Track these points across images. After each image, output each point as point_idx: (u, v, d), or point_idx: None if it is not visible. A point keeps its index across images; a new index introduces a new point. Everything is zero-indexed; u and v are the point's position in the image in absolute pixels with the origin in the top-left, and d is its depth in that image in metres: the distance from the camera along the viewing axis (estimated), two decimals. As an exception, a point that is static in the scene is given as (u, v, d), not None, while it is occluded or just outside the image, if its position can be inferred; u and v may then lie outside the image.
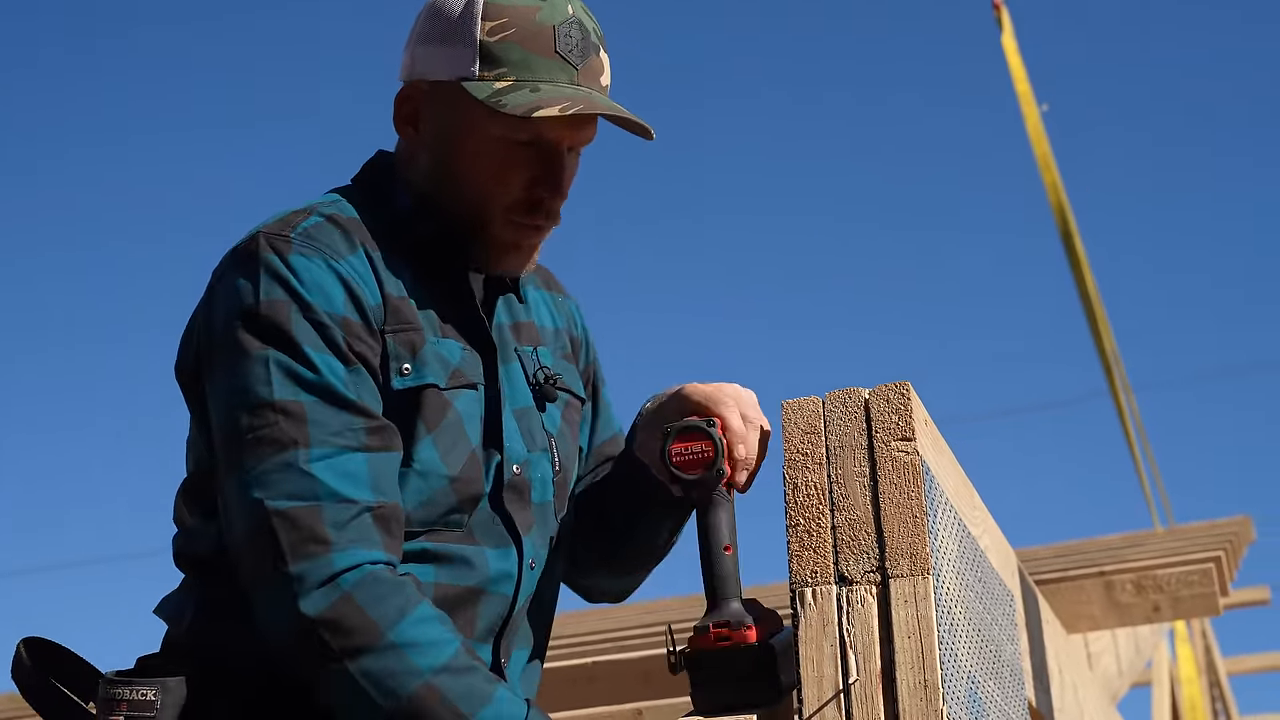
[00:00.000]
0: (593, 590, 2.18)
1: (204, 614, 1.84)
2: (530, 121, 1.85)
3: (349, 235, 1.84)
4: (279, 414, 1.73)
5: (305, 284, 1.77)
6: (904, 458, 1.77)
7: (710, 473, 1.85)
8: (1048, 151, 8.28)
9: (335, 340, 1.77)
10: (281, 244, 1.79)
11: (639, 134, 1.94)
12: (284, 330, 1.75)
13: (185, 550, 1.89)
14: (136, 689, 1.71)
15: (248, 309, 1.77)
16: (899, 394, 1.80)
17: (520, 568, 1.90)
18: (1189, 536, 5.59)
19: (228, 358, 1.77)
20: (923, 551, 1.73)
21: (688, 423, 1.87)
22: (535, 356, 2.00)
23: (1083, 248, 8.48)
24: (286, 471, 1.71)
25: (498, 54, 1.86)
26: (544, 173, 1.89)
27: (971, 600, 1.93)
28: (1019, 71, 8.60)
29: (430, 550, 1.82)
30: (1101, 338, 8.68)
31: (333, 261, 1.79)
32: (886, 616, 1.73)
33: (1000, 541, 2.28)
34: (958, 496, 1.97)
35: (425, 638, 1.69)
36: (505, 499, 1.89)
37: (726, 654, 1.79)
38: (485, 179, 1.88)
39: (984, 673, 1.93)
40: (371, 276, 1.82)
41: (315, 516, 1.70)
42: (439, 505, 1.83)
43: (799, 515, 1.78)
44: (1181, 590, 3.81)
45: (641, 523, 2.06)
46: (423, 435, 1.82)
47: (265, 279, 1.77)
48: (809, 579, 1.76)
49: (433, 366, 1.84)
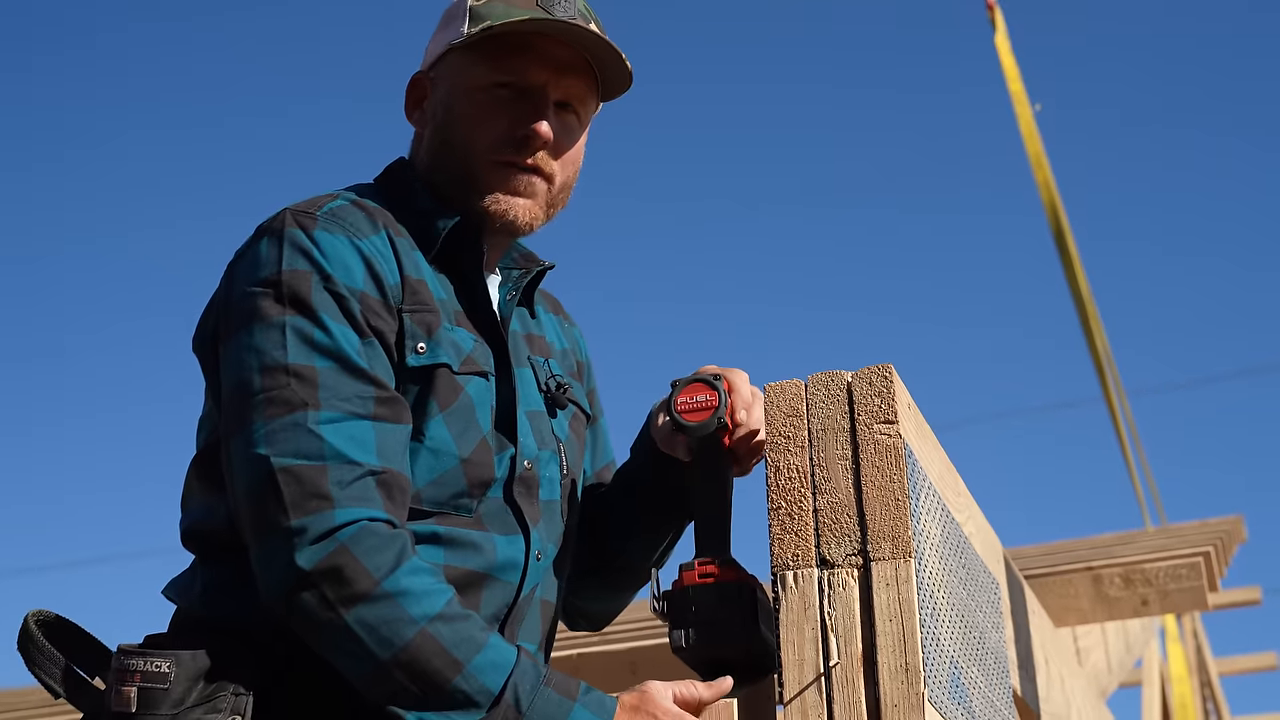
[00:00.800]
0: (575, 611, 2.22)
1: (214, 589, 1.84)
2: (509, 60, 1.95)
3: (372, 218, 1.90)
4: (291, 376, 1.76)
5: (328, 257, 1.82)
6: (886, 440, 1.76)
7: (712, 420, 1.90)
8: (1040, 150, 8.28)
9: (352, 312, 1.81)
10: (307, 220, 1.85)
11: (617, 80, 2.03)
12: (303, 299, 1.79)
13: (196, 526, 1.89)
14: (150, 660, 1.70)
15: (269, 277, 1.81)
16: (882, 377, 1.79)
17: (527, 557, 1.93)
18: (1179, 534, 5.58)
19: (246, 322, 1.81)
20: (905, 535, 1.72)
21: (696, 374, 1.94)
22: (547, 366, 2.07)
23: (1075, 247, 8.48)
24: (294, 431, 1.74)
25: (483, 12, 1.96)
26: (528, 111, 1.96)
27: (955, 585, 1.92)
28: (1012, 71, 8.60)
29: (440, 534, 1.85)
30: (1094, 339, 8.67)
31: (356, 239, 1.85)
32: (868, 600, 1.72)
33: (985, 529, 2.27)
34: (941, 482, 1.96)
35: (419, 587, 1.70)
36: (515, 491, 1.92)
37: (708, 589, 1.82)
38: (473, 126, 1.96)
39: (967, 658, 1.92)
40: (392, 257, 1.88)
41: (320, 475, 1.72)
42: (449, 486, 1.86)
43: (780, 498, 1.78)
44: (1170, 584, 3.79)
45: (635, 536, 2.12)
46: (435, 413, 1.85)
47: (289, 250, 1.82)
48: (790, 562, 1.75)
49: (446, 349, 1.88)
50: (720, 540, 1.89)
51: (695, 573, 1.83)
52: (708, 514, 1.92)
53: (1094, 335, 8.64)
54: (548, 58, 1.97)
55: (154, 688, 1.69)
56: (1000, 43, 8.64)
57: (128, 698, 1.69)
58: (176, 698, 1.69)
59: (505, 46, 1.96)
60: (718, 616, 1.81)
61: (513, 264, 2.09)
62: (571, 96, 2.00)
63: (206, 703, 1.70)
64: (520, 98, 1.97)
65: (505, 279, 2.06)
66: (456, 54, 1.99)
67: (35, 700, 5.35)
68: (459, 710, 1.67)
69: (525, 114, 1.96)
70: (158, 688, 1.69)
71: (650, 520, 2.12)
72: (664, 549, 2.15)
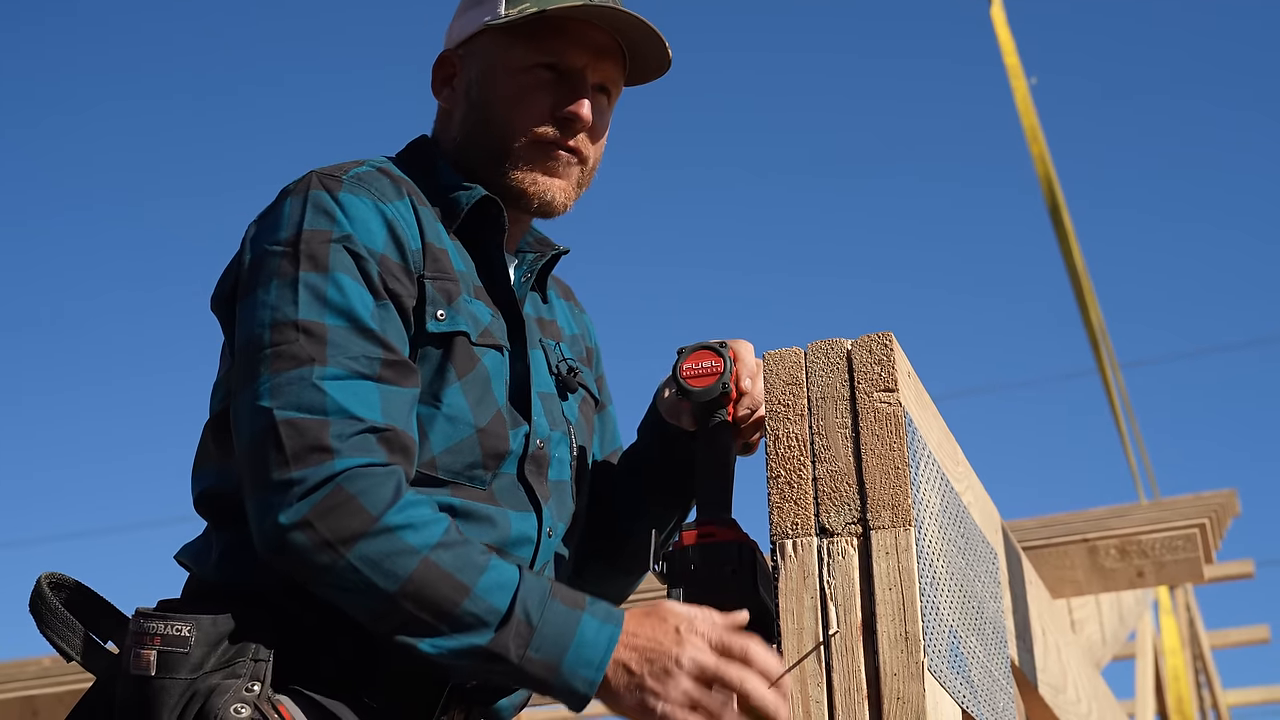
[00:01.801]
0: None
1: (231, 554, 1.83)
2: (553, 42, 1.97)
3: (397, 184, 1.91)
4: (300, 332, 1.76)
5: (350, 217, 1.83)
6: (886, 409, 1.76)
7: (716, 385, 1.91)
8: (1035, 124, 8.25)
9: (369, 273, 1.81)
10: (332, 183, 1.86)
11: (654, 64, 2.06)
12: (320, 257, 1.80)
13: (210, 490, 1.89)
14: (170, 623, 1.70)
15: (289, 236, 1.82)
16: (882, 345, 1.78)
17: (540, 534, 1.94)
18: (1174, 507, 5.58)
19: (264, 278, 1.82)
20: (905, 503, 1.72)
21: (701, 342, 1.95)
22: (559, 349, 2.08)
23: (1070, 221, 8.47)
24: (299, 384, 1.74)
25: None
26: (568, 93, 1.99)
27: (954, 554, 1.92)
28: (1008, 44, 8.57)
29: (456, 506, 1.85)
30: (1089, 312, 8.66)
31: (380, 203, 1.86)
32: (868, 568, 1.72)
33: (983, 498, 2.27)
34: (940, 450, 1.95)
35: (417, 518, 1.71)
36: (526, 469, 1.93)
37: (707, 549, 1.82)
38: (512, 106, 1.98)
39: (966, 627, 1.92)
40: (415, 223, 1.89)
41: (322, 428, 1.72)
42: (464, 454, 1.86)
43: (780, 466, 1.77)
44: (1165, 556, 3.80)
45: (642, 516, 2.12)
46: (452, 380, 1.86)
47: (311, 210, 1.83)
48: (790, 530, 1.75)
49: (465, 319, 1.89)
50: (721, 503, 1.90)
51: (694, 532, 1.84)
52: (709, 477, 1.92)
53: (1089, 309, 8.63)
54: (587, 41, 2.00)
55: (174, 651, 1.69)
56: (996, 14, 8.61)
57: (147, 660, 1.69)
58: (196, 661, 1.69)
59: (544, 28, 1.98)
60: (716, 576, 1.81)
61: (528, 247, 2.10)
62: (607, 80, 2.03)
63: (226, 667, 1.70)
64: (561, 80, 1.99)
65: (520, 262, 2.08)
66: (494, 34, 2.00)
67: (32, 672, 5.35)
68: (471, 632, 1.68)
69: (567, 96, 1.98)
70: (177, 651, 1.69)
71: (657, 498, 2.12)
72: (671, 529, 2.15)
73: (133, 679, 1.69)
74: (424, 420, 1.84)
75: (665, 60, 2.06)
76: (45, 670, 5.29)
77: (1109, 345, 8.93)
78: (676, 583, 1.82)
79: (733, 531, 1.84)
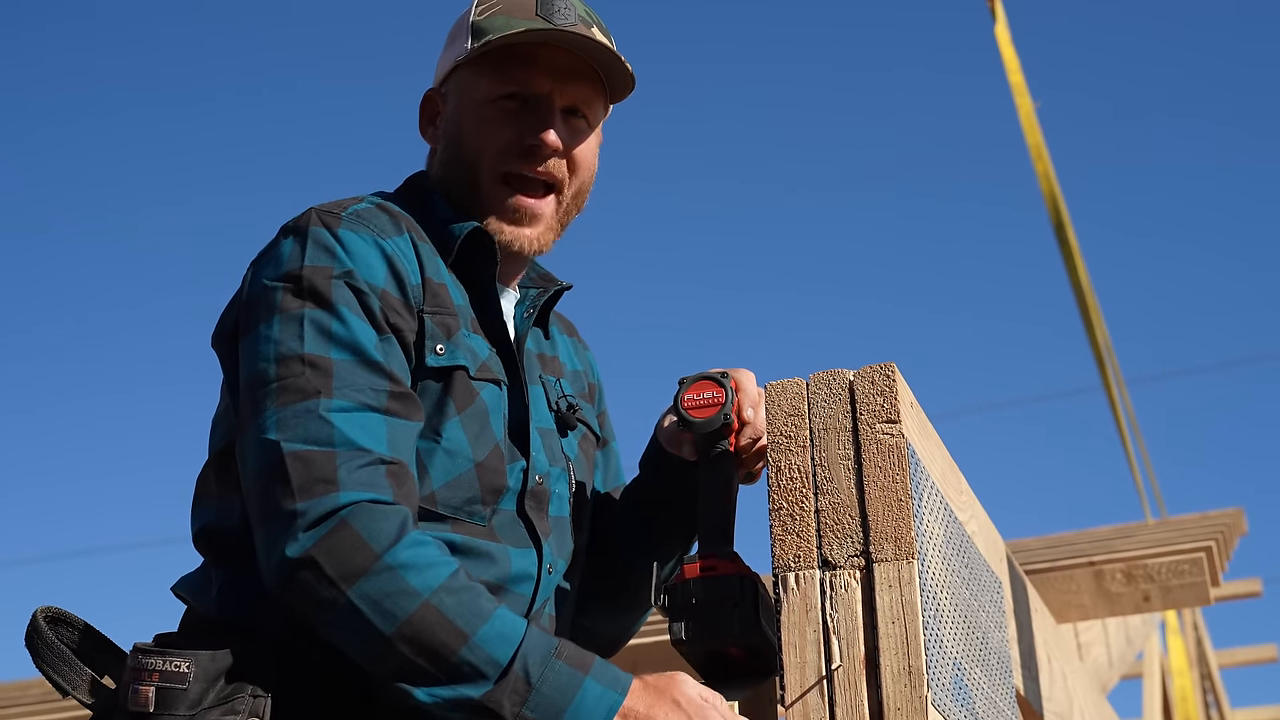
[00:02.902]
0: (587, 635, 2.20)
1: (232, 592, 1.83)
2: (512, 71, 1.98)
3: (396, 220, 1.91)
4: (306, 366, 1.76)
5: (351, 254, 1.83)
6: (889, 440, 1.74)
7: (718, 416, 1.90)
8: (1040, 142, 8.25)
9: (371, 308, 1.82)
10: (331, 219, 1.86)
11: (620, 82, 2.05)
12: (322, 292, 1.80)
13: (211, 526, 1.88)
14: (170, 659, 1.69)
15: (291, 272, 1.82)
16: (884, 376, 1.77)
17: (540, 570, 1.92)
18: (1180, 528, 5.56)
19: (266, 315, 1.82)
20: (907, 536, 1.71)
21: (702, 372, 1.95)
22: (559, 386, 2.08)
23: (1075, 239, 8.46)
24: (306, 417, 1.73)
25: (485, 26, 1.99)
26: (535, 120, 1.99)
27: (957, 586, 1.90)
28: (1012, 62, 8.57)
29: (456, 542, 1.84)
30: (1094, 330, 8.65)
31: (380, 239, 1.86)
32: (870, 602, 1.70)
33: (988, 527, 2.25)
34: (944, 481, 1.94)
35: (422, 559, 1.69)
36: (527, 505, 1.92)
37: (709, 582, 1.81)
38: (479, 139, 1.99)
39: (970, 659, 1.91)
40: (414, 258, 1.89)
41: (329, 460, 1.71)
42: (463, 489, 1.85)
43: (782, 498, 1.76)
44: (1172, 580, 3.78)
45: (644, 550, 2.11)
46: (452, 414, 1.86)
47: (312, 247, 1.84)
48: (792, 563, 1.74)
49: (464, 353, 1.89)
50: (723, 535, 1.89)
51: (697, 566, 1.83)
52: (711, 509, 1.91)
53: (1094, 326, 8.61)
54: (551, 66, 1.99)
55: (172, 687, 1.68)
56: (1000, 33, 8.61)
57: (145, 697, 1.68)
58: (194, 698, 1.68)
59: (509, 58, 1.98)
60: (718, 609, 1.80)
61: (530, 283, 2.10)
62: (578, 101, 2.02)
63: (224, 704, 1.69)
64: (526, 108, 1.99)
65: (522, 297, 2.08)
66: (463, 70, 2.02)
67: (35, 695, 5.34)
68: (466, 683, 1.65)
69: (532, 124, 1.98)
70: (176, 688, 1.68)
71: (659, 531, 2.10)
72: (675, 563, 2.13)
73: (131, 715, 1.68)
74: (424, 454, 1.83)
75: (628, 78, 2.05)
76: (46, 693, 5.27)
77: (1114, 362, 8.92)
78: (679, 616, 1.80)
79: (735, 564, 1.83)
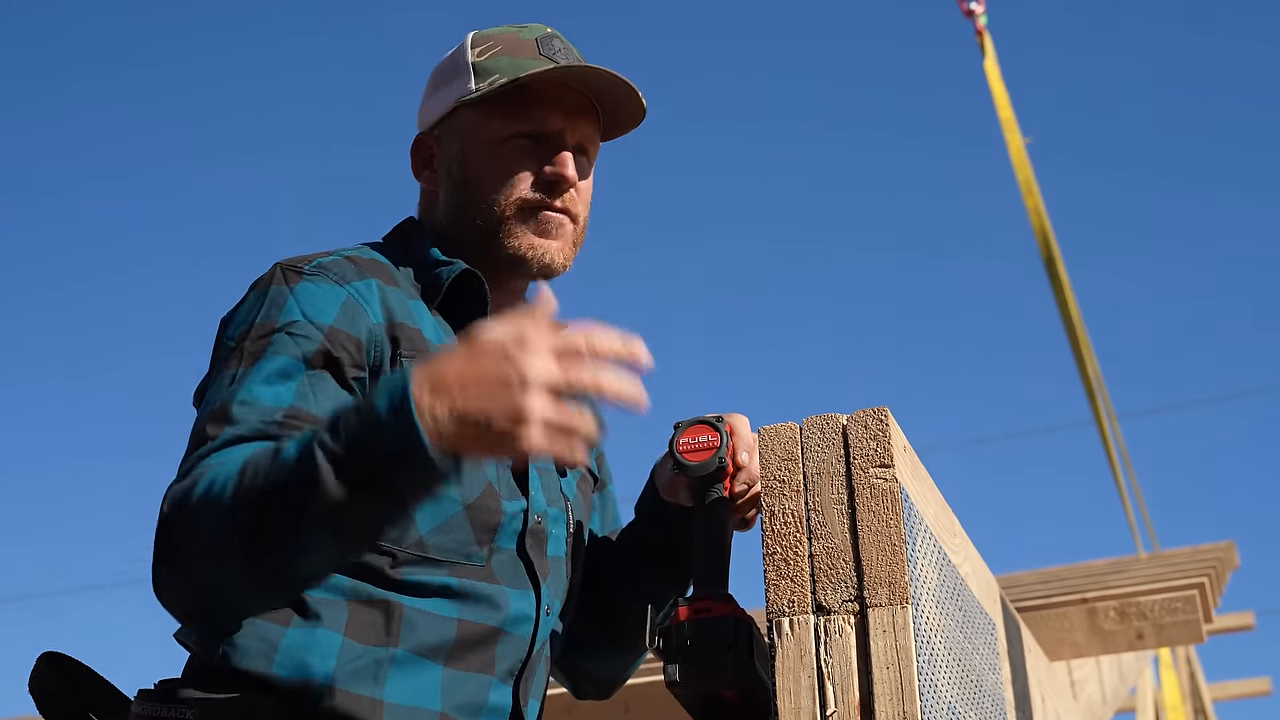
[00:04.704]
0: (584, 677, 2.19)
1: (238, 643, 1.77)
2: (525, 109, 1.98)
3: (361, 269, 1.88)
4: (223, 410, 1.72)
5: (302, 304, 1.81)
6: (882, 485, 1.74)
7: (713, 460, 1.91)
8: (1030, 177, 8.27)
9: (306, 350, 1.77)
10: (292, 275, 1.84)
11: (628, 116, 2.06)
12: (260, 347, 1.77)
13: None
14: (174, 709, 1.67)
15: (242, 331, 1.81)
16: (877, 420, 1.77)
17: (538, 612, 1.91)
18: (1173, 562, 5.57)
19: (211, 371, 1.83)
20: (901, 580, 1.71)
21: (698, 417, 1.95)
22: None
23: (1066, 273, 8.48)
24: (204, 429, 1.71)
25: (489, 66, 1.99)
26: (550, 154, 1.99)
27: (952, 629, 1.90)
28: (1002, 97, 8.60)
29: (453, 587, 1.82)
30: (1084, 362, 8.66)
31: (337, 285, 1.83)
32: (865, 647, 1.70)
33: (981, 569, 2.25)
34: (937, 524, 1.94)
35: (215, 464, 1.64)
36: (527, 545, 1.91)
37: (704, 624, 1.81)
38: (497, 179, 1.97)
39: (965, 703, 1.90)
40: (377, 301, 1.85)
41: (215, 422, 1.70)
42: (454, 533, 1.83)
43: (776, 543, 1.76)
44: (1165, 618, 3.78)
45: (640, 594, 2.10)
46: None
47: (267, 304, 1.82)
48: (786, 608, 1.73)
49: None
50: (717, 578, 1.89)
51: (691, 608, 1.83)
52: (706, 553, 1.91)
53: (1085, 361, 8.62)
54: (561, 104, 2.00)
55: None
56: (990, 69, 8.65)
57: None
58: None
59: (519, 97, 1.99)
60: (713, 651, 1.79)
61: None
62: (584, 139, 2.04)
63: None
64: (540, 145, 1.99)
65: None
66: (468, 110, 2.00)
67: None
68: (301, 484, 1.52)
69: (549, 158, 1.99)
70: None
71: (655, 574, 2.10)
72: (670, 606, 2.12)
73: None
74: None
75: (640, 110, 2.06)
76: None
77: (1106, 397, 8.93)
78: (673, 659, 1.80)
79: (729, 607, 1.83)
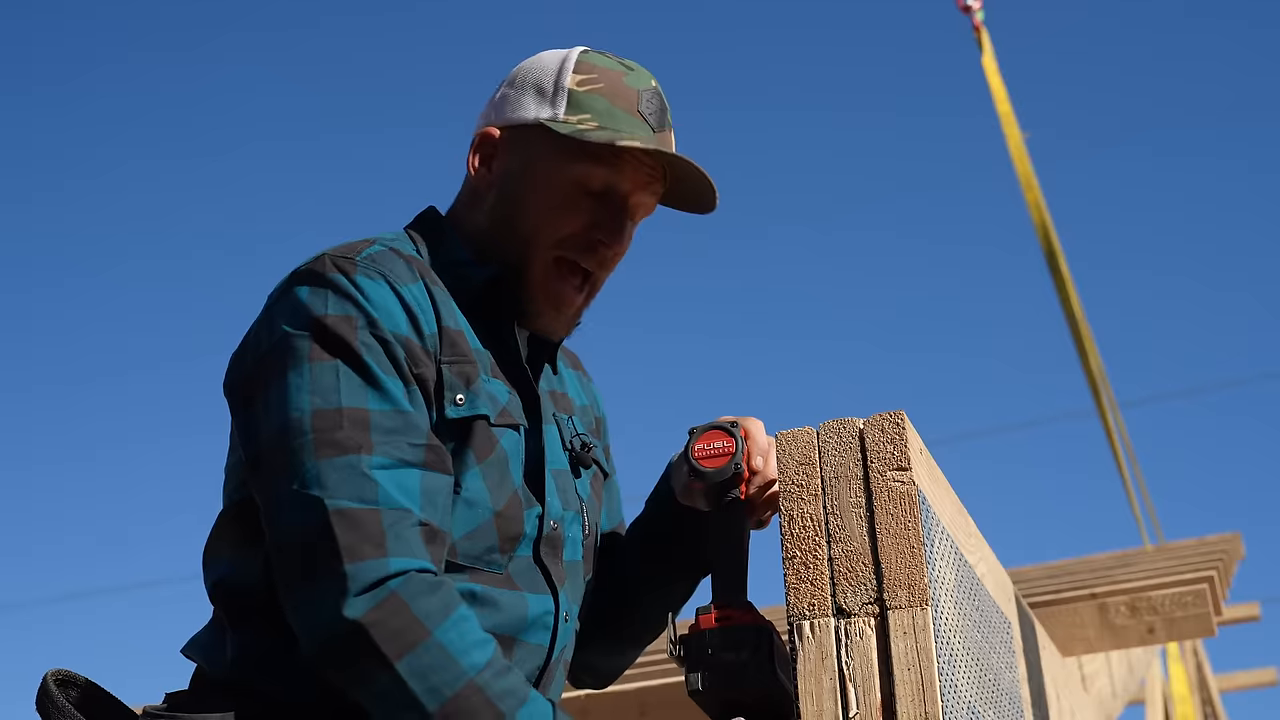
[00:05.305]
0: (583, 667, 2.20)
1: (248, 651, 1.81)
2: (608, 167, 1.93)
3: (410, 266, 1.88)
4: (345, 419, 1.74)
5: (372, 302, 1.80)
6: (900, 488, 1.76)
7: (729, 466, 1.90)
8: (1030, 171, 8.28)
9: (398, 358, 1.79)
10: (347, 265, 1.83)
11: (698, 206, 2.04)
12: (350, 343, 1.78)
13: (227, 581, 1.86)
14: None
15: (314, 321, 1.79)
16: (894, 424, 1.78)
17: (556, 618, 1.92)
18: (1179, 555, 5.57)
19: (292, 365, 1.78)
20: (921, 582, 1.72)
21: (713, 422, 1.95)
22: (571, 424, 2.06)
23: (1067, 266, 8.48)
24: (349, 473, 1.71)
25: (584, 102, 1.94)
26: (607, 219, 1.96)
27: (970, 630, 1.92)
28: (1000, 92, 8.61)
29: (476, 592, 1.83)
30: (1087, 355, 8.66)
31: (397, 285, 1.83)
32: (885, 649, 1.71)
33: (996, 568, 2.27)
34: (954, 525, 1.96)
35: (469, 637, 1.69)
36: (542, 551, 1.92)
37: (725, 633, 1.81)
38: (547, 213, 1.94)
39: (984, 703, 1.92)
40: (430, 307, 1.86)
41: (375, 520, 1.70)
42: (482, 539, 1.85)
43: (795, 547, 1.77)
44: (1175, 612, 3.79)
45: (651, 590, 2.11)
46: (472, 465, 1.84)
47: (332, 295, 1.81)
48: (806, 611, 1.75)
49: (484, 400, 1.87)
50: (737, 586, 1.89)
51: (712, 616, 1.84)
52: (724, 560, 1.92)
53: (1088, 353, 8.63)
54: (639, 169, 1.96)
55: None
56: (988, 64, 8.66)
57: None
58: None
59: (604, 149, 1.94)
60: (734, 660, 1.80)
61: None
62: (644, 209, 2.01)
63: None
64: (602, 202, 1.96)
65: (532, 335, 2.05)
66: (545, 133, 1.95)
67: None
68: None
69: (604, 221, 1.95)
70: None
71: (666, 573, 2.11)
72: (679, 603, 2.14)
73: None
74: None
75: (710, 205, 2.03)
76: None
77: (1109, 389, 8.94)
78: (695, 667, 1.81)
79: (750, 614, 1.84)
